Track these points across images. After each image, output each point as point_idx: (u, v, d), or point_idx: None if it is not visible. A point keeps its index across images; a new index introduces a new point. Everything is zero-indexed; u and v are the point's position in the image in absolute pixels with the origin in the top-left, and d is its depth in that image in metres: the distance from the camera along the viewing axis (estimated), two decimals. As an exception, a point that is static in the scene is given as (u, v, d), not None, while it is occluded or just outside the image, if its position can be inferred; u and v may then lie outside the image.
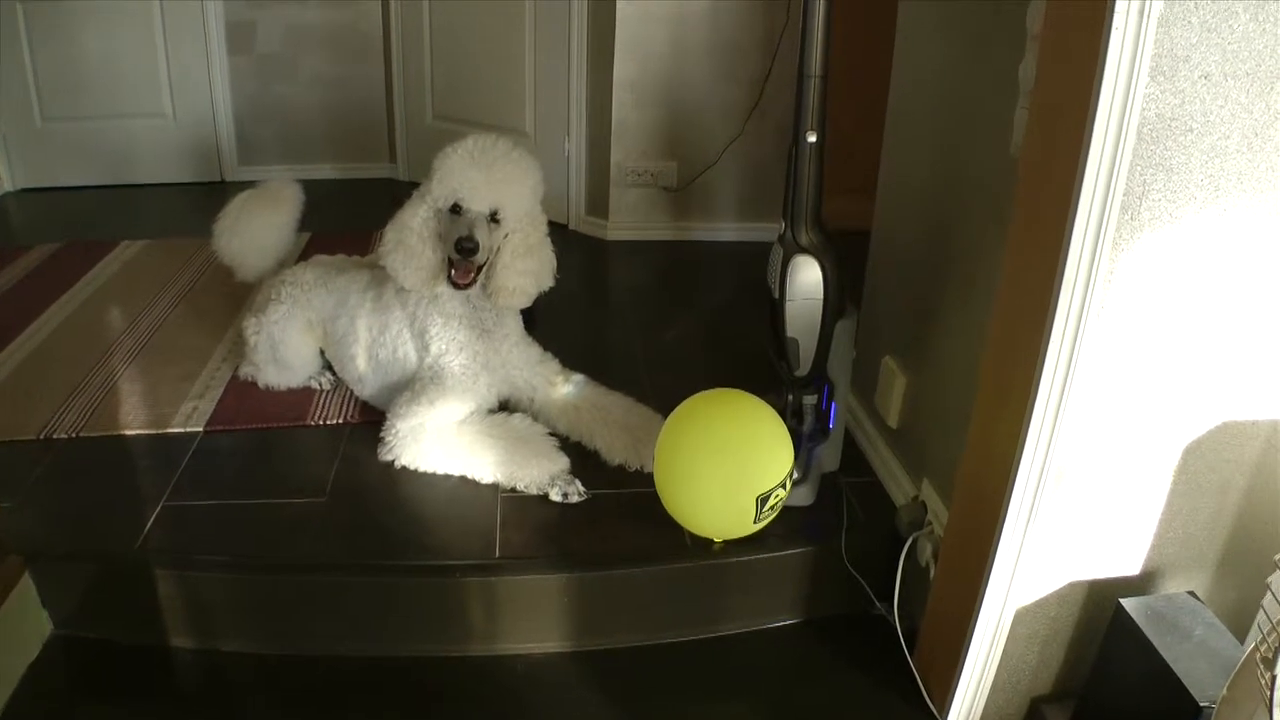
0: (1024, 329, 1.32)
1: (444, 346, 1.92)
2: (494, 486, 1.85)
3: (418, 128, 3.56)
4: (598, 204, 3.20)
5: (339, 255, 2.31)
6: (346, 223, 3.06)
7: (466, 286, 1.84)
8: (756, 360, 1.87)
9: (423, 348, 1.95)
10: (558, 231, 3.21)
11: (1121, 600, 1.45)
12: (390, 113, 3.63)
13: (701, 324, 2.61)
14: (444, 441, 1.87)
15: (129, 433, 2.02)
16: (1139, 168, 1.21)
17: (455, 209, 1.82)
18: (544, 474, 1.82)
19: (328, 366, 2.17)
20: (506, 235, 1.87)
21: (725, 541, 1.72)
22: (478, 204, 1.80)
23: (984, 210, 1.54)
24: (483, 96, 3.32)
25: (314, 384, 2.17)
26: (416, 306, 1.95)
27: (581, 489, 1.82)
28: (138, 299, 2.60)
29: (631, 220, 3.18)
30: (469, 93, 3.36)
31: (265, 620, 1.70)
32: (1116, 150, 1.17)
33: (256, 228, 2.22)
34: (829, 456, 1.91)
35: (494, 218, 1.83)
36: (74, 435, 2.00)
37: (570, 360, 2.12)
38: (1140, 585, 1.50)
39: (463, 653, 1.71)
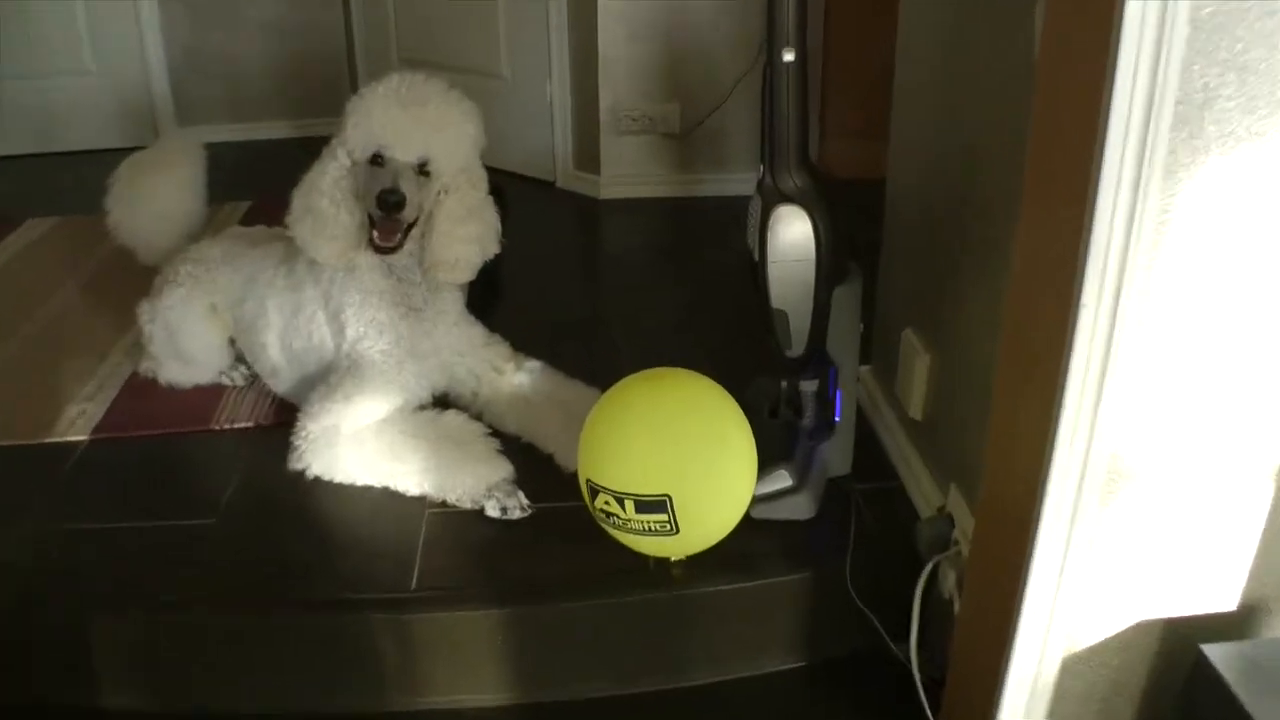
0: (1048, 294, 1.13)
1: (361, 329, 1.80)
2: (421, 500, 1.73)
3: (383, 74, 3.43)
4: (588, 156, 3.10)
5: (258, 226, 2.21)
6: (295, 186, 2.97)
7: (392, 250, 1.73)
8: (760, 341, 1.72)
9: (338, 332, 1.83)
10: (542, 190, 3.22)
11: (1204, 647, 1.25)
12: (351, 61, 3.53)
13: (703, 296, 2.47)
14: (362, 446, 1.75)
15: (2, 442, 1.91)
16: (1197, 67, 1.00)
17: (376, 159, 1.70)
18: (480, 483, 1.69)
19: (241, 359, 2.06)
20: (440, 195, 1.76)
21: (686, 560, 1.58)
22: (403, 152, 1.69)
23: (1015, 149, 1.35)
24: (452, 38, 3.19)
25: (225, 379, 2.07)
26: (331, 283, 1.83)
27: (525, 502, 1.69)
28: (37, 286, 2.51)
29: (628, 174, 3.06)
30: (438, 35, 3.24)
31: (149, 671, 1.59)
32: (1160, 46, 0.97)
33: (151, 197, 2.12)
34: (836, 457, 1.75)
35: (423, 169, 1.71)
36: (-61, 447, 1.90)
37: (539, 343, 2.00)
38: (1235, 626, 1.30)
39: (377, 708, 1.58)
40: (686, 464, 1.47)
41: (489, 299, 2.16)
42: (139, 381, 2.08)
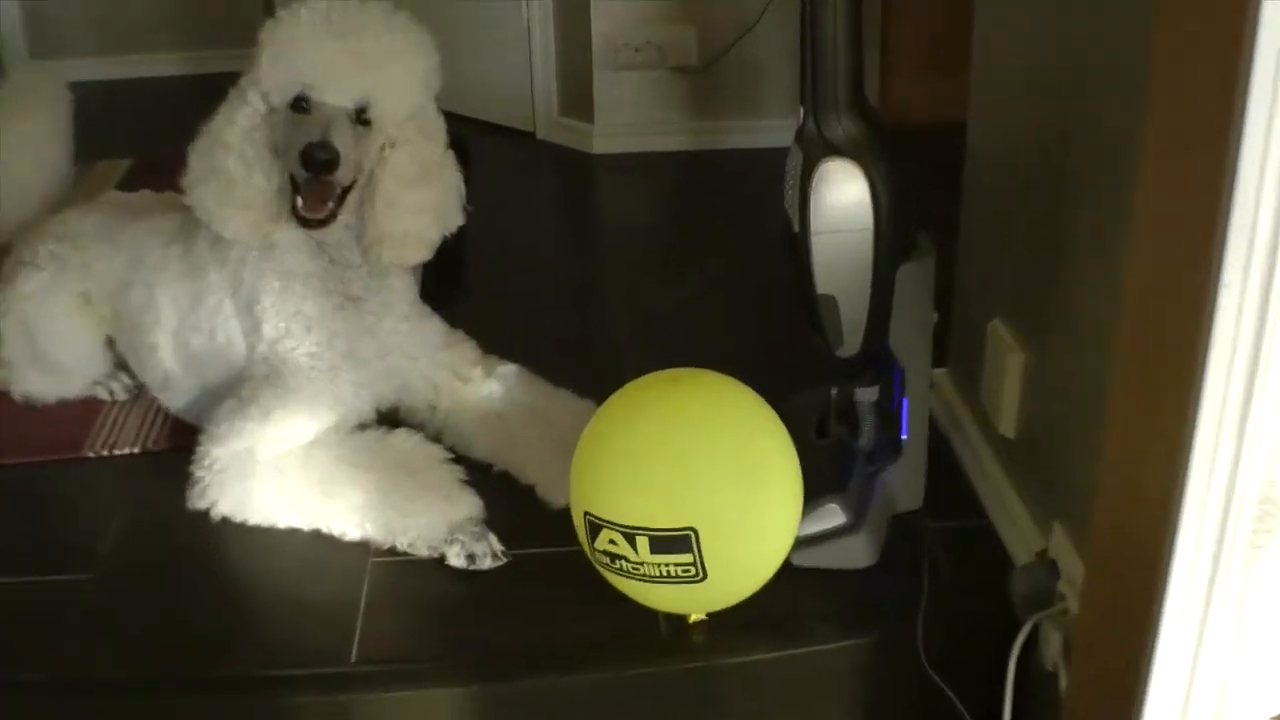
0: (1179, 269, 1.15)
1: (282, 325, 1.83)
2: (364, 546, 1.75)
3: (306, -6, 3.48)
4: (577, 99, 3.12)
5: (143, 191, 2.23)
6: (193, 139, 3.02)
7: (322, 223, 1.75)
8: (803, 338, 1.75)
9: (252, 329, 1.86)
10: (518, 143, 3.24)
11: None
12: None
13: (728, 280, 2.49)
14: (284, 477, 1.78)
15: None
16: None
17: (300, 104, 1.73)
18: (439, 524, 1.72)
19: (123, 365, 2.09)
20: (384, 150, 1.78)
21: (708, 620, 1.60)
22: (335, 94, 1.71)
23: (1133, 92, 1.37)
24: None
25: (101, 392, 2.10)
26: (241, 265, 1.86)
27: (497, 547, 1.71)
28: None
29: (629, 121, 3.08)
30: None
31: None
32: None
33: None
34: (904, 486, 1.77)
35: (361, 117, 1.74)
36: None
37: (515, 342, 2.03)
38: None
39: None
40: (717, 489, 1.49)
41: (449, 285, 2.19)
42: (-13, 395, 2.11)
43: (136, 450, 1.98)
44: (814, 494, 1.64)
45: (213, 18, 3.65)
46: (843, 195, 1.53)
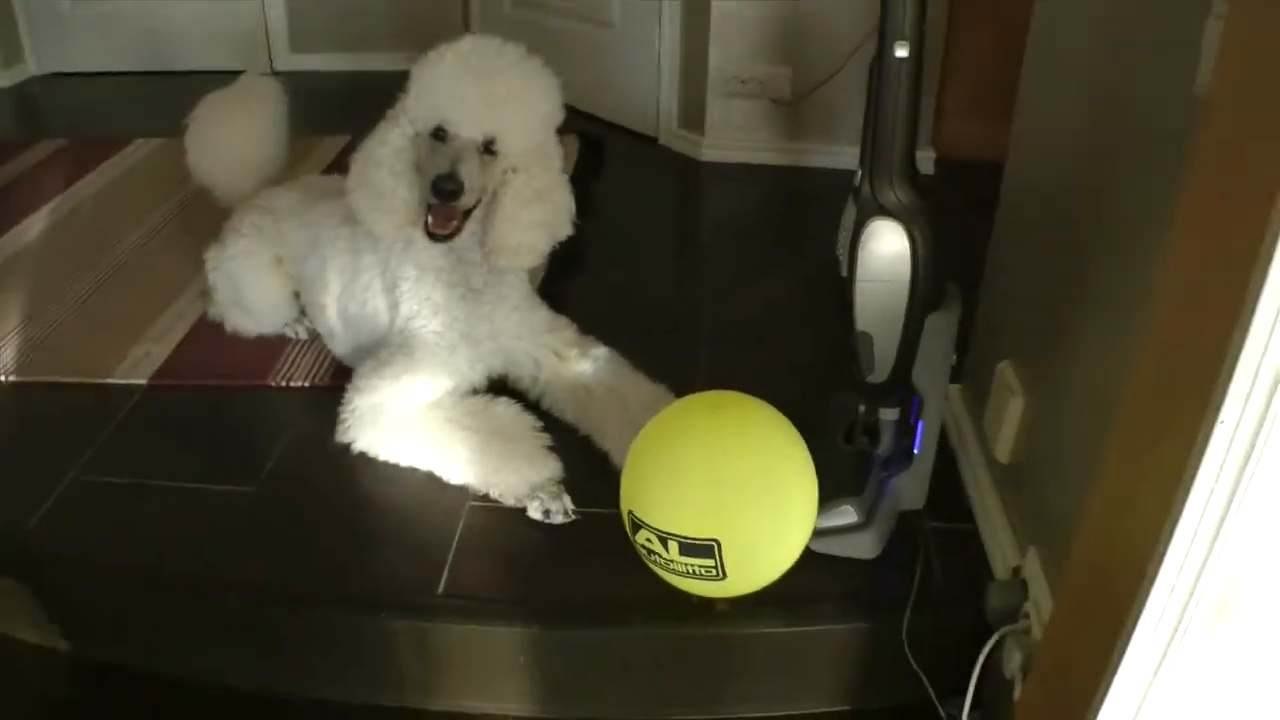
0: (1195, 345, 0.89)
1: (415, 307, 1.66)
2: (464, 490, 1.59)
3: (494, 15, 3.24)
4: (692, 116, 2.87)
5: (334, 175, 2.06)
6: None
7: (447, 238, 1.57)
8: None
9: (393, 305, 1.69)
10: (643, 146, 3.01)
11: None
12: (465, -7, 3.36)
13: (805, 280, 2.23)
14: (408, 427, 1.62)
15: (63, 379, 1.83)
16: None
17: (439, 133, 1.53)
18: (524, 482, 1.55)
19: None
20: (507, 174, 1.58)
21: (728, 601, 1.40)
22: (468, 128, 1.51)
23: (1153, 165, 1.09)
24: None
25: (290, 332, 1.96)
26: (389, 253, 1.68)
27: (570, 506, 1.53)
28: (129, 211, 2.41)
29: (732, 138, 2.83)
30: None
31: (155, 635, 1.51)
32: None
33: (228, 141, 1.99)
34: (911, 489, 1.54)
35: (489, 148, 1.54)
36: (3, 378, 1.82)
37: (614, 322, 1.84)
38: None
39: (391, 702, 1.46)
40: (739, 508, 1.29)
41: (570, 266, 2.02)
42: (206, 325, 1.98)
43: (307, 384, 1.83)
44: (835, 494, 1.43)
45: (424, 21, 3.44)
46: (887, 251, 1.32)
